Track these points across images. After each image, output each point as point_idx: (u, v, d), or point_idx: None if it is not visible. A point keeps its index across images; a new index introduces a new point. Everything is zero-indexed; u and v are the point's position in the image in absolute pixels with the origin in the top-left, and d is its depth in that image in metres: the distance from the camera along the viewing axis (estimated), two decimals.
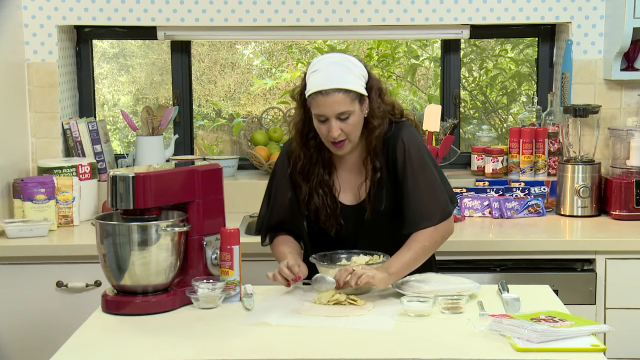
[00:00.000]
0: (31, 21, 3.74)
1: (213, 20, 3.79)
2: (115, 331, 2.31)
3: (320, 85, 2.52)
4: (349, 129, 2.55)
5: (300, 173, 2.69)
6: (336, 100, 2.50)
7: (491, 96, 4.83)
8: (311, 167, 2.68)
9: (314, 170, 2.68)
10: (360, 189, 2.68)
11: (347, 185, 2.70)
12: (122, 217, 2.47)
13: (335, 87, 2.50)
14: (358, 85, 2.55)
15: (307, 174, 2.69)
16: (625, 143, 3.66)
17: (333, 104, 2.51)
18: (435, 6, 3.78)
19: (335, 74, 2.52)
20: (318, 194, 2.67)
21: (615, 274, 3.25)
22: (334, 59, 2.56)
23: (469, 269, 3.22)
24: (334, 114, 2.52)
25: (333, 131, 2.53)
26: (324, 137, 2.59)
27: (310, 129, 2.64)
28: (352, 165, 2.70)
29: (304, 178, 2.69)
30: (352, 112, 2.54)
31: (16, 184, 3.49)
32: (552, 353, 2.08)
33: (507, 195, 3.70)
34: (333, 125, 2.53)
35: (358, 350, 2.13)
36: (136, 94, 4.71)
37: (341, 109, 2.52)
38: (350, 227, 2.70)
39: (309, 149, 2.67)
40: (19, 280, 3.24)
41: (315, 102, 2.53)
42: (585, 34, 3.79)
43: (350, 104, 2.52)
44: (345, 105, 2.52)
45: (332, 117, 2.53)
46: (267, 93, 4.73)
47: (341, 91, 2.51)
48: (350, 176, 2.70)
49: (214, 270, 2.55)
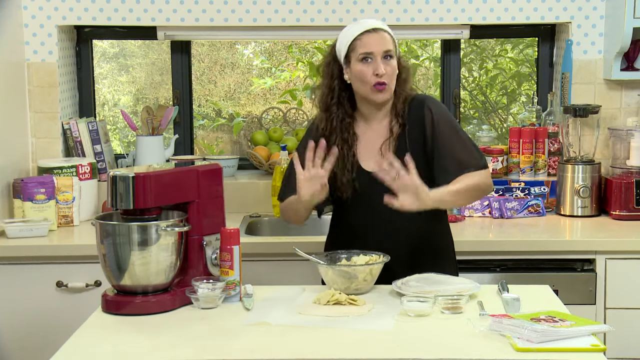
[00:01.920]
0: (31, 21, 3.74)
1: (213, 20, 3.79)
2: (115, 331, 2.31)
3: (369, 25, 2.68)
4: (391, 72, 2.66)
5: (322, 136, 2.71)
6: (385, 37, 2.67)
7: (491, 96, 4.83)
8: (332, 130, 2.73)
9: (334, 134, 2.73)
10: (382, 150, 2.71)
11: (369, 151, 2.73)
12: (122, 217, 2.47)
13: (383, 28, 2.70)
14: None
15: (328, 137, 2.71)
16: (625, 143, 3.66)
17: (382, 40, 2.66)
18: (435, 6, 3.78)
19: (377, 21, 2.73)
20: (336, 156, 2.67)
21: (615, 274, 3.25)
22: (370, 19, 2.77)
23: (469, 269, 3.22)
24: (382, 50, 2.65)
25: (380, 68, 2.63)
26: (367, 82, 2.66)
27: (334, 96, 2.73)
28: (377, 128, 2.74)
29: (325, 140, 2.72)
30: (394, 56, 2.68)
31: (16, 184, 3.49)
32: (552, 353, 2.07)
33: (507, 195, 3.70)
34: (380, 63, 2.63)
35: (358, 350, 2.13)
36: (136, 94, 4.71)
37: (389, 46, 2.66)
38: (370, 194, 2.68)
39: (331, 114, 2.74)
40: (19, 280, 3.25)
41: (362, 42, 2.66)
42: (585, 34, 3.79)
43: (393, 46, 2.69)
44: (391, 45, 2.68)
45: (379, 55, 2.64)
46: (267, 93, 4.73)
47: (387, 32, 2.69)
48: (373, 142, 2.74)
49: (214, 270, 2.54)
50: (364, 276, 2.54)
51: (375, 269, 2.56)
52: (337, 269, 2.53)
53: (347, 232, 2.79)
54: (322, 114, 2.76)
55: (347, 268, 2.54)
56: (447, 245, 2.85)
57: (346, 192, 2.72)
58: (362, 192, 2.72)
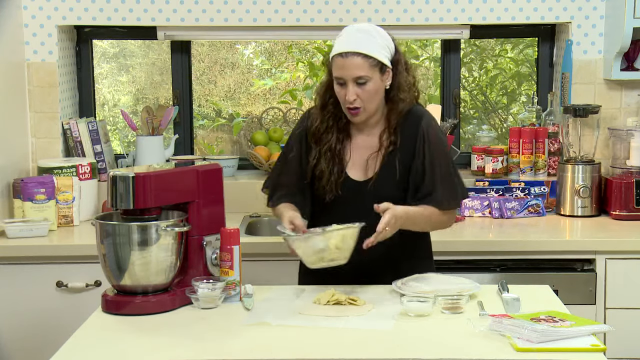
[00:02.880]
0: (31, 21, 3.74)
1: (213, 20, 3.79)
2: (115, 331, 2.31)
3: (341, 48, 2.56)
4: (365, 96, 2.57)
5: (313, 134, 2.70)
6: (354, 63, 2.54)
7: (491, 96, 4.83)
8: (325, 131, 2.70)
9: (327, 135, 2.69)
10: (369, 162, 2.67)
11: (358, 160, 2.70)
12: (122, 217, 2.47)
13: (355, 51, 2.54)
14: (380, 54, 2.57)
15: (319, 137, 2.69)
16: (625, 143, 3.66)
17: (351, 66, 2.54)
18: (435, 6, 3.78)
19: (357, 39, 2.56)
20: (326, 159, 2.66)
21: (615, 274, 3.25)
22: (361, 27, 2.62)
23: (469, 269, 3.22)
24: (351, 77, 2.55)
25: (349, 94, 2.56)
26: (341, 102, 2.62)
27: (331, 94, 2.67)
28: (370, 138, 2.70)
29: (316, 141, 2.70)
30: (370, 79, 2.56)
31: (16, 184, 3.49)
32: (552, 353, 2.08)
33: (507, 195, 3.70)
34: (350, 89, 2.56)
35: (358, 350, 2.13)
36: (136, 94, 4.71)
37: (358, 73, 2.54)
38: (349, 201, 2.66)
39: (326, 113, 2.69)
40: (19, 280, 3.24)
41: (336, 65, 2.57)
42: (585, 34, 3.79)
43: (368, 70, 2.55)
44: (363, 70, 2.54)
45: (349, 81, 2.55)
46: (267, 93, 4.73)
47: (360, 55, 2.54)
48: (363, 151, 2.69)
49: (214, 270, 2.54)
50: (336, 243, 2.47)
51: (348, 235, 2.47)
52: (306, 236, 2.48)
53: None
54: (318, 110, 2.72)
55: (317, 236, 2.47)
56: (427, 247, 2.83)
57: (329, 194, 2.67)
58: (344, 197, 2.67)
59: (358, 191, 2.66)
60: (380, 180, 2.64)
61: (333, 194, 2.67)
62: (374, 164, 2.67)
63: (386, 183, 2.64)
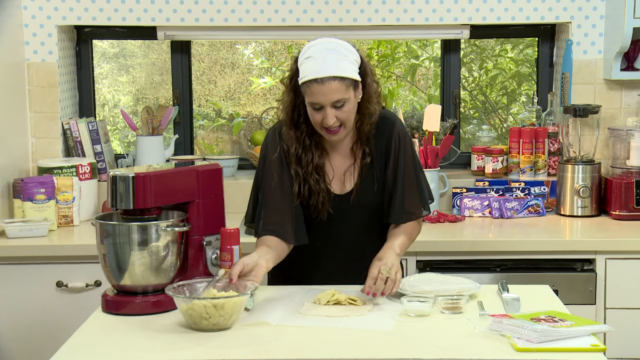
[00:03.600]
0: (31, 21, 3.74)
1: (213, 20, 3.79)
2: (115, 331, 2.31)
3: (315, 72, 2.43)
4: (345, 117, 2.50)
5: (294, 157, 2.61)
6: (332, 88, 2.43)
7: (491, 96, 4.83)
8: (304, 151, 2.61)
9: (307, 155, 2.61)
10: (346, 175, 2.65)
11: (336, 172, 2.65)
12: (122, 217, 2.47)
13: (332, 75, 2.43)
14: (352, 72, 2.49)
15: (300, 159, 2.61)
16: (625, 143, 3.66)
17: (329, 92, 2.44)
18: (435, 6, 3.78)
19: (329, 60, 2.44)
20: (313, 178, 2.61)
21: (615, 274, 3.25)
22: (328, 45, 2.48)
23: (469, 269, 3.22)
24: (330, 102, 2.45)
25: (329, 119, 2.47)
26: (317, 125, 2.53)
27: (300, 113, 2.57)
28: (343, 150, 2.65)
29: (297, 162, 2.61)
30: (348, 100, 2.47)
31: (16, 184, 3.49)
32: (552, 353, 2.07)
33: (507, 195, 3.70)
34: (329, 114, 2.46)
35: (358, 350, 2.13)
36: (136, 94, 4.71)
37: (337, 96, 2.45)
38: (334, 216, 2.65)
39: (301, 133, 2.60)
40: (19, 280, 3.24)
41: (310, 90, 2.46)
42: (585, 34, 3.79)
43: (345, 92, 2.46)
44: (340, 93, 2.45)
45: (327, 106, 2.46)
46: (267, 93, 4.73)
47: (337, 79, 2.43)
48: (341, 162, 2.66)
49: (214, 270, 2.54)
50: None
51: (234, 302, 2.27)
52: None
53: (310, 248, 2.67)
54: (290, 131, 2.59)
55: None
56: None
57: (322, 212, 2.62)
58: (328, 213, 2.64)
59: (340, 205, 2.64)
60: (361, 191, 2.63)
61: (325, 212, 2.63)
62: (352, 177, 2.65)
63: (368, 193, 2.64)
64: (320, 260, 2.70)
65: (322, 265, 2.70)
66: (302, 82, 2.48)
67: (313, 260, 2.70)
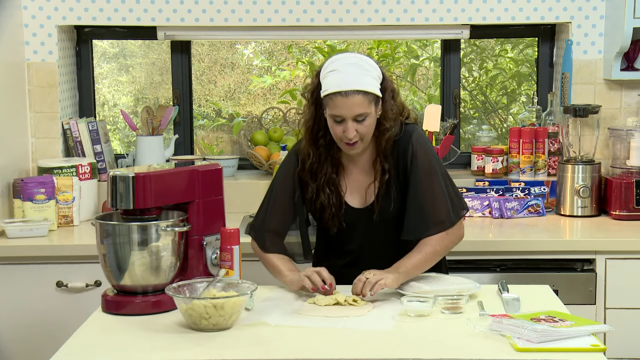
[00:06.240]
0: (31, 21, 3.74)
1: (213, 20, 3.79)
2: (115, 331, 2.31)
3: (339, 86, 2.49)
4: (365, 131, 2.54)
5: (309, 171, 2.66)
6: (355, 102, 2.49)
7: (491, 96, 4.83)
8: (320, 165, 2.65)
9: (322, 169, 2.66)
10: (368, 191, 2.67)
11: (355, 186, 2.69)
12: (122, 217, 2.47)
13: (355, 89, 2.49)
14: (375, 87, 2.54)
15: (315, 172, 2.66)
16: (625, 143, 3.66)
17: (352, 105, 2.49)
18: (435, 6, 3.78)
19: (353, 75, 2.50)
20: (324, 193, 2.64)
21: (615, 274, 3.25)
22: (351, 60, 2.54)
23: (469, 269, 3.22)
24: (352, 115, 2.50)
25: (349, 132, 2.51)
26: (337, 137, 2.57)
27: (320, 127, 2.62)
28: (361, 166, 2.68)
29: (312, 176, 2.66)
30: (369, 114, 2.52)
31: (16, 184, 3.49)
32: (552, 353, 2.08)
33: (507, 195, 3.70)
34: (349, 127, 2.51)
35: (358, 350, 2.13)
36: (136, 94, 4.71)
37: (359, 110, 2.50)
38: (354, 230, 2.68)
39: (318, 147, 2.64)
40: (19, 280, 3.24)
41: (333, 103, 2.51)
42: (585, 34, 3.79)
43: (367, 106, 2.51)
44: (363, 107, 2.50)
45: (349, 119, 2.51)
46: (267, 93, 4.73)
47: (360, 93, 2.49)
48: (359, 177, 2.69)
49: (214, 270, 2.54)
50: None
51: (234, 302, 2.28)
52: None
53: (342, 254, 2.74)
54: (309, 146, 2.65)
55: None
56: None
57: (334, 227, 2.66)
58: (348, 226, 2.68)
59: (360, 218, 2.66)
60: (382, 206, 2.64)
61: (337, 227, 2.66)
62: (372, 191, 2.66)
63: (387, 206, 2.64)
64: (348, 268, 2.69)
65: (347, 274, 2.66)
66: (325, 95, 2.53)
67: (344, 264, 2.72)
